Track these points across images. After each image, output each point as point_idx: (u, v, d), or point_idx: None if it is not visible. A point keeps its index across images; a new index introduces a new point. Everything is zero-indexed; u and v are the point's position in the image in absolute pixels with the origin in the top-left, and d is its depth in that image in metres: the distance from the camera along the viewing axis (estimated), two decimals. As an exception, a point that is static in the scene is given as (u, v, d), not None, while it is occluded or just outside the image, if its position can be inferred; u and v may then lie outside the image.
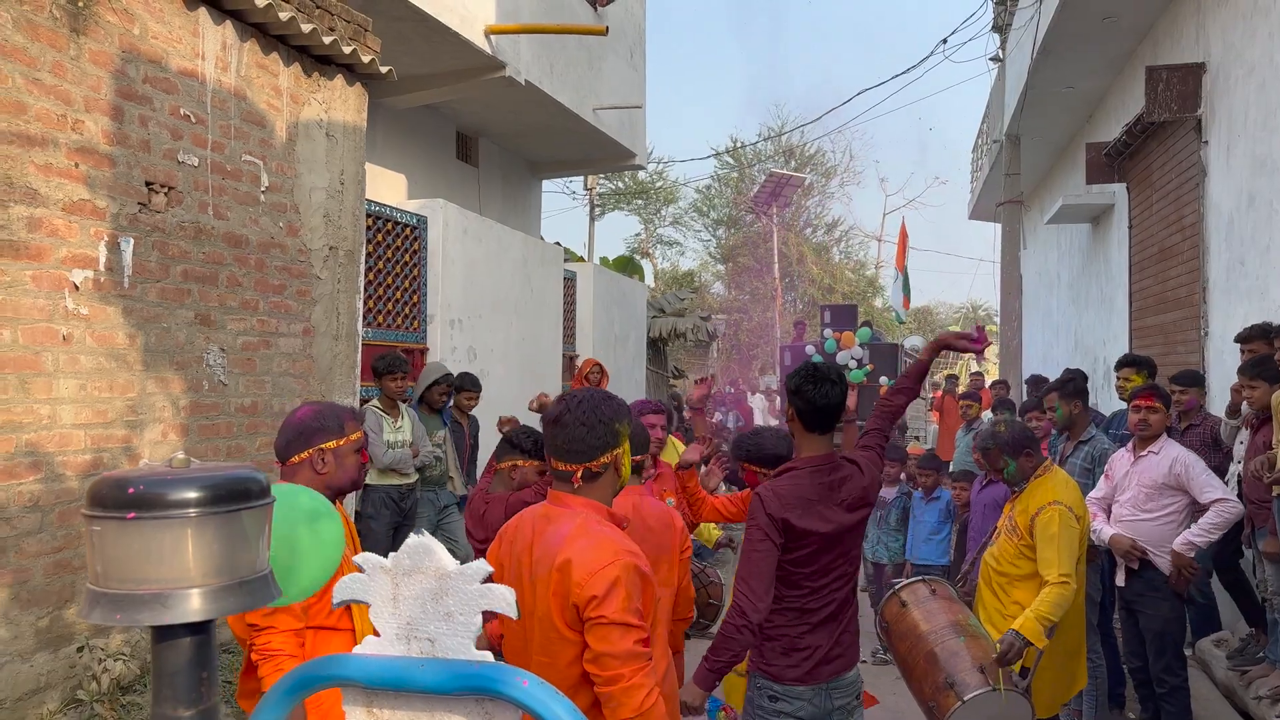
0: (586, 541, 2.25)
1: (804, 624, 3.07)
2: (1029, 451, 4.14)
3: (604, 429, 2.36)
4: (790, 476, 3.13)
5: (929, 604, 4.23)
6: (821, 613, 3.08)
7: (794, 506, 3.01)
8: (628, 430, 2.44)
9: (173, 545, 1.39)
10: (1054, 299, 15.89)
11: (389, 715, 1.94)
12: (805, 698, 3.05)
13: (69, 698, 4.19)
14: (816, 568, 3.06)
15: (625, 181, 34.26)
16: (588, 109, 10.72)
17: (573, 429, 2.35)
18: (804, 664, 3.05)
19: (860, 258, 39.69)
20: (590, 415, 2.36)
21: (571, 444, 2.35)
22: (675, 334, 19.07)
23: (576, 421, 2.35)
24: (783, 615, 3.08)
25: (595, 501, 2.39)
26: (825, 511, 3.03)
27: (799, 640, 3.06)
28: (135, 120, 4.61)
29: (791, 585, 3.07)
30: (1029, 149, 13.82)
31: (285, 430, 2.75)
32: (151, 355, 4.69)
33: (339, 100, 6.03)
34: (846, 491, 3.10)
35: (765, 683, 3.10)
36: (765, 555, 2.97)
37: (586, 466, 2.36)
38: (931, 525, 6.82)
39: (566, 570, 2.16)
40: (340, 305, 6.02)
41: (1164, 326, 9.48)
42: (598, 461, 2.36)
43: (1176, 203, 8.98)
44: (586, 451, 2.36)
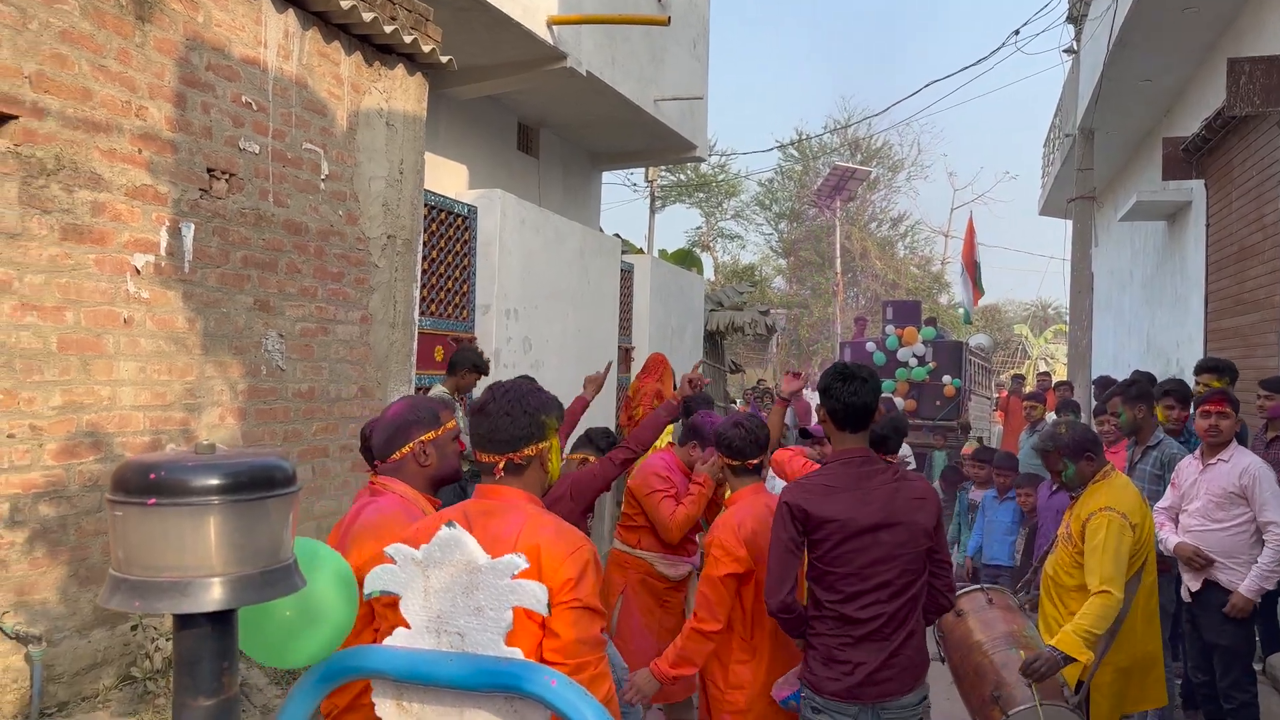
0: (551, 530, 2.17)
1: (845, 635, 2.97)
2: (1090, 455, 3.98)
3: (528, 420, 2.30)
4: (819, 470, 3.17)
5: (985, 613, 4.12)
6: (865, 626, 2.95)
7: (812, 493, 2.99)
8: (556, 425, 2.36)
9: (194, 533, 1.37)
10: (1126, 298, 15.44)
11: (418, 709, 1.92)
12: (849, 713, 2.95)
13: (124, 674, 4.28)
14: (850, 570, 2.95)
15: (687, 174, 34.13)
16: (649, 100, 10.66)
17: (496, 418, 2.29)
18: (844, 679, 2.95)
19: (926, 253, 39.06)
20: (514, 405, 2.30)
21: (494, 433, 2.29)
22: (733, 328, 18.93)
23: (500, 411, 2.30)
24: (824, 623, 3.01)
25: (530, 494, 2.31)
26: (848, 500, 2.96)
27: (838, 653, 2.97)
28: (198, 107, 4.68)
29: (826, 587, 2.99)
30: (1103, 144, 13.42)
31: (382, 429, 2.76)
32: (210, 340, 4.76)
33: (399, 90, 6.06)
34: (883, 491, 2.99)
35: (808, 692, 3.04)
36: (783, 545, 2.99)
37: (509, 458, 2.29)
38: (1005, 525, 6.65)
39: (535, 555, 2.07)
40: (397, 294, 6.06)
41: (1241, 329, 9.14)
42: (520, 453, 2.29)
43: (1258, 200, 8.63)
44: (509, 442, 2.29)
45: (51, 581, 4.04)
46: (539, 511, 2.26)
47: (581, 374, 9.34)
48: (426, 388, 6.88)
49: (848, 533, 2.94)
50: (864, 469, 3.04)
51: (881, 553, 2.96)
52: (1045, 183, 19.42)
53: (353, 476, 5.71)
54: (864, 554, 2.95)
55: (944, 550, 3.11)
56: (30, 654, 3.88)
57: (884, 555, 2.97)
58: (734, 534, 3.30)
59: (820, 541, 2.97)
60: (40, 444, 3.98)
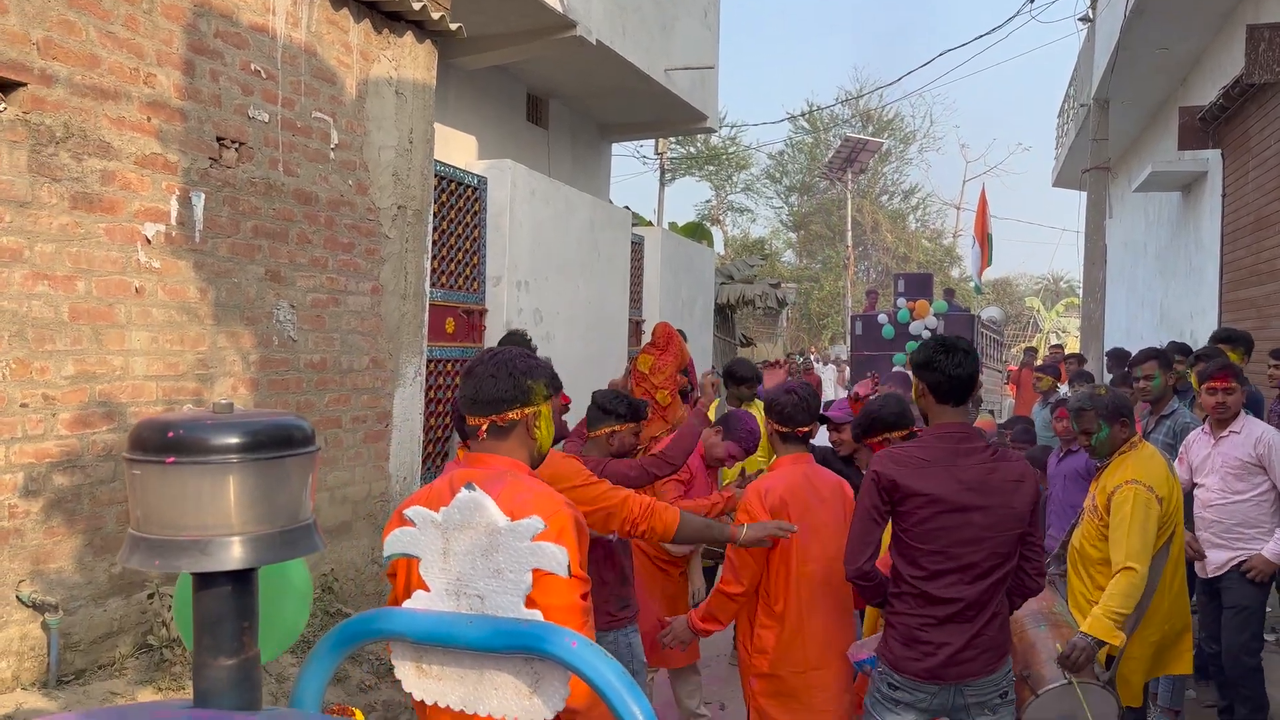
0: (527, 495, 2.16)
1: (927, 616, 2.88)
2: (1124, 421, 3.92)
3: (511, 382, 2.28)
4: (912, 441, 3.11)
5: None
6: (947, 606, 2.87)
7: (904, 465, 2.91)
8: (545, 393, 2.34)
9: (213, 491, 1.35)
10: (1140, 270, 15.34)
11: (438, 671, 1.91)
12: (928, 692, 2.89)
13: (140, 642, 4.30)
14: (935, 547, 2.86)
15: (697, 146, 33.95)
16: (659, 70, 10.57)
17: (481, 380, 2.29)
18: (926, 659, 2.88)
19: (938, 226, 38.89)
20: (499, 368, 2.30)
21: (478, 394, 2.29)
22: (743, 301, 18.90)
23: (486, 373, 2.30)
24: (904, 600, 2.93)
25: (517, 460, 2.30)
26: (939, 476, 2.87)
27: (920, 633, 2.89)
28: (206, 75, 4.64)
29: (909, 561, 2.91)
30: (1118, 114, 13.29)
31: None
32: (222, 310, 4.75)
33: (408, 58, 6.01)
34: (977, 470, 2.90)
35: (886, 671, 2.97)
36: (866, 512, 2.95)
37: (492, 420, 2.28)
38: None
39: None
40: (408, 264, 6.03)
41: (1256, 300, 9.07)
42: (503, 416, 2.28)
43: (1275, 170, 8.54)
44: (491, 403, 2.28)
45: (67, 551, 4.05)
46: (519, 478, 2.24)
47: (593, 346, 9.34)
48: (437, 359, 6.88)
49: (937, 509, 2.85)
50: (961, 445, 2.94)
51: (970, 534, 2.87)
52: (1059, 154, 19.26)
53: (365, 448, 5.72)
54: (952, 533, 2.86)
55: (1038, 533, 3.04)
56: (47, 622, 3.90)
57: (973, 537, 2.88)
58: (760, 500, 3.30)
59: (907, 514, 2.89)
60: (54, 413, 3.98)
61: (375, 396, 5.79)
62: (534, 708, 1.82)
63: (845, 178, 29.80)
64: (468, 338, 7.23)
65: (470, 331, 7.26)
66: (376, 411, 5.80)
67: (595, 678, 1.69)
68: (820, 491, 3.43)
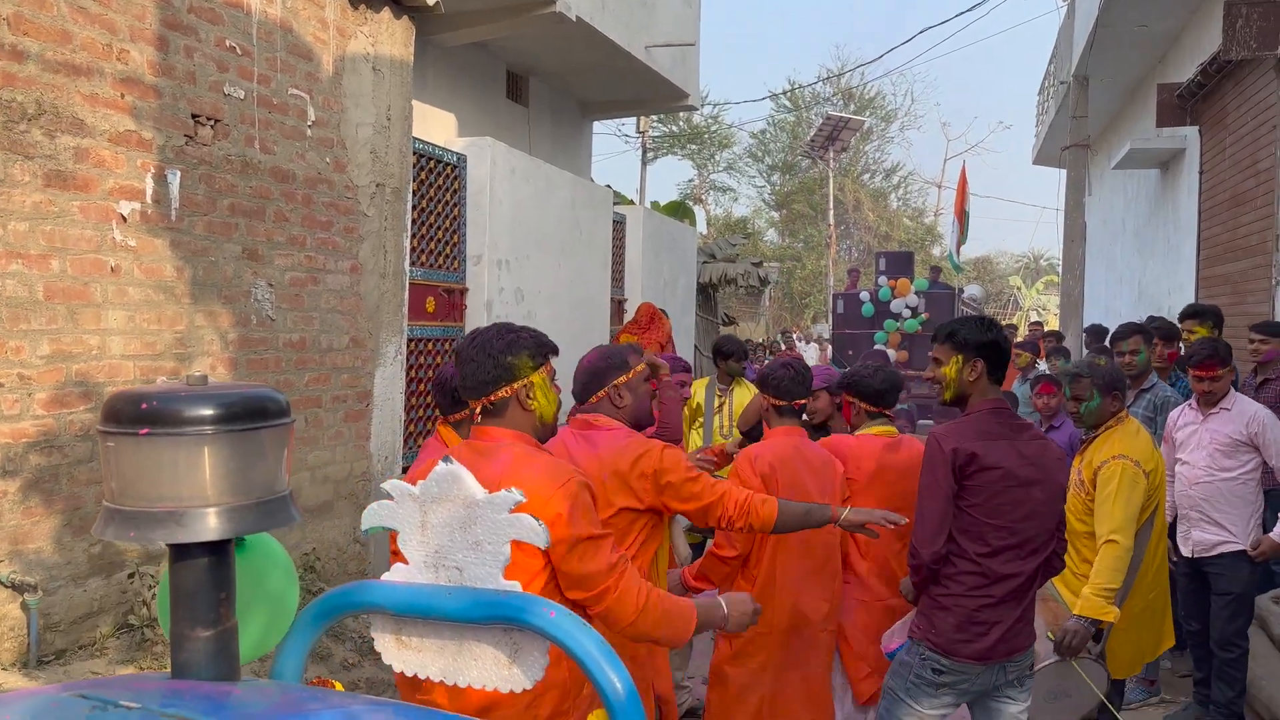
0: (533, 469, 2.21)
1: (986, 595, 2.85)
2: (1117, 394, 3.96)
3: (492, 363, 2.34)
4: (967, 418, 2.98)
5: None
6: (1007, 583, 2.86)
7: (976, 439, 2.86)
8: (531, 364, 2.38)
9: (188, 463, 1.35)
10: (1118, 247, 15.43)
11: (418, 643, 1.92)
12: (975, 673, 2.88)
13: (121, 622, 4.29)
14: (1003, 523, 2.83)
15: (679, 125, 33.83)
16: (640, 47, 10.50)
17: (465, 365, 2.37)
18: (978, 640, 2.85)
19: (919, 205, 38.96)
20: (479, 351, 2.36)
21: (465, 379, 2.38)
22: (726, 280, 18.89)
23: (468, 358, 2.37)
24: (959, 582, 2.87)
25: (522, 433, 2.36)
26: (1006, 448, 2.85)
27: (978, 614, 2.85)
28: (180, 51, 4.59)
29: (975, 538, 2.85)
30: (1097, 91, 13.31)
31: (579, 376, 3.09)
32: (199, 288, 4.72)
33: (386, 34, 5.95)
34: (1034, 446, 2.90)
35: (932, 655, 2.90)
36: (938, 492, 2.86)
37: (483, 401, 2.36)
38: None
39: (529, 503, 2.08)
40: (387, 243, 6.00)
41: (1232, 276, 9.15)
42: (491, 396, 2.35)
43: (1252, 146, 8.59)
44: (478, 386, 2.35)
45: (46, 531, 4.03)
46: (527, 450, 2.30)
47: (575, 325, 9.32)
48: (419, 338, 6.86)
49: (1007, 483, 2.83)
50: (1013, 421, 2.95)
51: (1031, 508, 2.87)
52: (1039, 131, 19.30)
53: (346, 427, 5.71)
54: (1018, 508, 2.85)
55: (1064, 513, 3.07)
56: (26, 603, 3.89)
57: (1033, 511, 2.87)
58: (750, 465, 3.37)
59: (978, 489, 2.84)
60: (29, 393, 3.95)
61: (355, 376, 5.77)
62: (513, 677, 1.83)
63: (827, 156, 29.76)
64: (448, 317, 7.21)
65: (451, 310, 7.24)
66: (357, 391, 5.79)
67: (574, 647, 1.70)
68: (811, 462, 3.47)
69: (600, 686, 1.66)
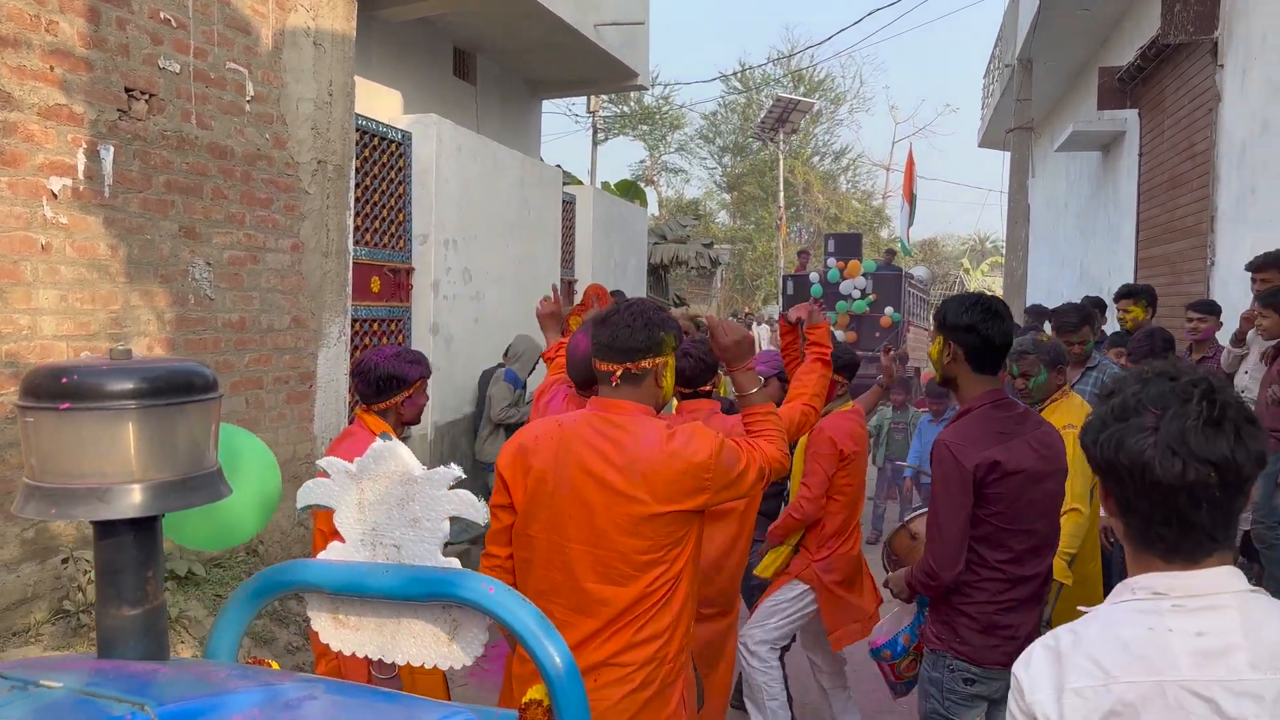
0: (686, 435, 2.34)
1: (1008, 600, 2.71)
2: (1061, 369, 4.05)
3: (647, 333, 2.38)
4: (970, 417, 2.77)
5: None
6: (1028, 585, 2.73)
7: (992, 443, 2.65)
8: (674, 344, 2.44)
9: (111, 438, 1.32)
10: (1061, 229, 15.70)
11: (355, 621, 1.90)
12: (1003, 678, 2.76)
13: (56, 608, 4.20)
14: (1024, 526, 2.69)
15: (630, 105, 33.70)
16: (589, 25, 10.43)
17: (617, 328, 2.39)
18: (1007, 644, 2.71)
19: (868, 187, 39.27)
20: (636, 317, 2.39)
21: (615, 341, 2.39)
22: (677, 261, 18.94)
23: (622, 322, 2.39)
24: (982, 589, 2.72)
25: (646, 406, 2.42)
26: (1021, 446, 2.67)
27: (1000, 618, 2.71)
28: (112, 23, 4.45)
29: (997, 545, 2.70)
30: (1041, 74, 13.51)
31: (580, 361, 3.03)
32: (135, 267, 4.60)
33: (327, 7, 5.84)
34: (1038, 434, 2.74)
35: (961, 665, 2.75)
36: (958, 512, 2.67)
37: (626, 367, 2.38)
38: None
39: (689, 466, 2.29)
40: (330, 221, 5.91)
41: (1169, 256, 9.36)
42: (638, 364, 2.38)
43: (1188, 129, 8.78)
44: (627, 351, 2.38)
45: (-24, 516, 3.93)
46: (666, 421, 2.40)
47: (523, 306, 9.26)
48: (363, 318, 6.78)
49: (1028, 484, 2.67)
50: (1015, 412, 2.76)
51: (1047, 504, 2.74)
52: (985, 114, 19.54)
53: (288, 409, 5.62)
54: (1034, 507, 2.70)
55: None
56: (-44, 589, 3.79)
57: (1048, 507, 2.74)
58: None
59: (999, 496, 2.66)
60: (-43, 375, 3.84)
61: (298, 356, 5.68)
62: (453, 654, 1.82)
63: (777, 138, 29.84)
64: (394, 297, 7.13)
65: (397, 290, 7.15)
66: (299, 372, 5.70)
67: (513, 622, 1.70)
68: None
69: (539, 660, 1.66)
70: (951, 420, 2.88)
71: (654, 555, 2.31)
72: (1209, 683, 1.27)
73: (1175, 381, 1.36)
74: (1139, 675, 1.30)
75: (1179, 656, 1.29)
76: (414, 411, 3.32)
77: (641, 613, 2.32)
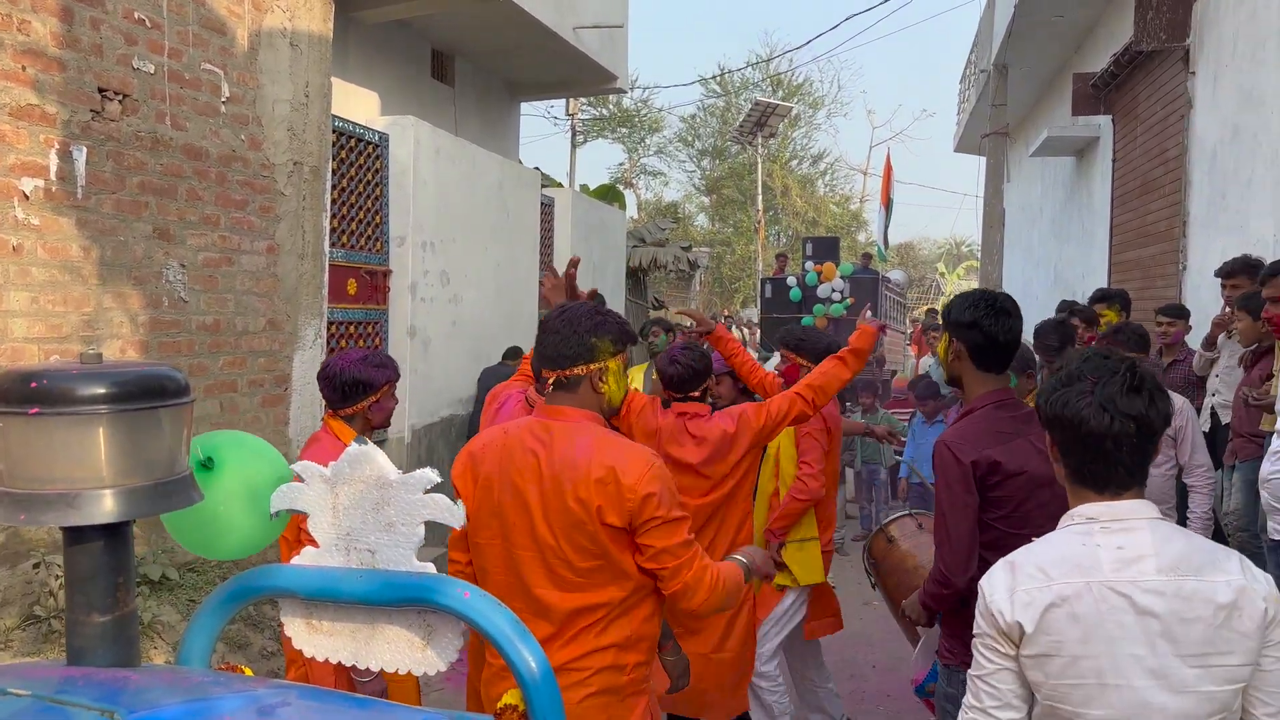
0: (618, 448, 2.31)
1: None
2: (1030, 373, 4.08)
3: (577, 341, 2.38)
4: (972, 417, 2.71)
5: (917, 538, 4.19)
6: None
7: (992, 443, 2.59)
8: (612, 349, 2.42)
9: (81, 443, 1.31)
10: (1035, 233, 15.83)
11: (329, 627, 1.89)
12: None
13: (27, 614, 4.15)
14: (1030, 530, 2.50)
15: (609, 108, 33.72)
16: (568, 28, 10.44)
17: (549, 335, 2.42)
18: None
19: (845, 191, 39.46)
20: (566, 325, 2.40)
21: (545, 349, 2.42)
22: (655, 264, 18.93)
23: (552, 329, 2.42)
24: None
25: (592, 412, 2.41)
26: (1024, 446, 2.59)
27: None
28: (86, 23, 4.41)
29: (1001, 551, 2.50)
30: (1016, 80, 13.62)
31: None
32: (108, 269, 4.56)
33: (304, 8, 5.81)
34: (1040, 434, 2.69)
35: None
36: (964, 511, 2.59)
37: (558, 374, 2.40)
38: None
39: (613, 478, 2.24)
40: (306, 223, 5.88)
41: (1142, 261, 9.45)
42: (569, 371, 2.39)
43: (1161, 135, 8.87)
44: (557, 359, 2.39)
45: (-56, 520, 3.87)
46: (606, 431, 2.39)
47: (502, 309, 9.25)
48: (340, 321, 6.74)
49: (1032, 486, 2.58)
50: (1020, 412, 2.69)
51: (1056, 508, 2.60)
52: (961, 119, 19.69)
53: (263, 412, 5.58)
54: (1042, 510, 2.56)
55: None
56: (-76, 595, 3.74)
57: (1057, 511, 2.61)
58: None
59: (1003, 500, 2.59)
60: (-75, 377, 3.78)
61: (273, 359, 5.65)
62: (427, 659, 1.81)
63: (756, 142, 29.93)
64: (371, 299, 7.10)
65: (374, 293, 7.12)
66: (274, 375, 5.67)
67: (488, 627, 1.69)
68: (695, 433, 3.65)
69: (514, 665, 1.65)
70: (955, 420, 2.84)
71: (595, 562, 2.31)
72: (1125, 582, 1.72)
73: (1107, 360, 1.83)
74: (1073, 577, 1.75)
75: (1104, 563, 1.75)
76: (382, 416, 3.31)
77: (598, 619, 2.32)
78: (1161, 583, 1.70)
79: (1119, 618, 1.70)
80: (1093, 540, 1.78)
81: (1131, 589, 1.70)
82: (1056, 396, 1.83)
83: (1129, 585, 1.71)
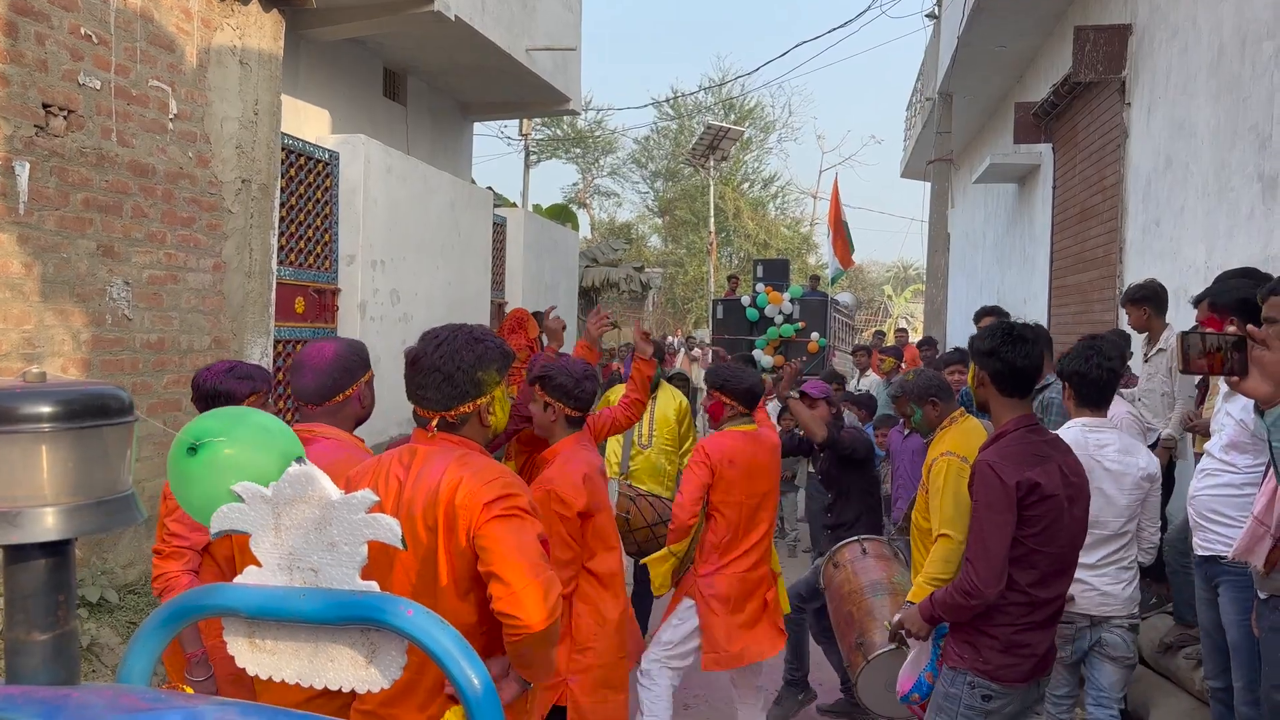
0: (475, 466, 2.18)
1: (1028, 621, 2.78)
2: (934, 400, 4.14)
3: (463, 378, 2.22)
4: (1009, 439, 2.82)
5: (859, 563, 4.24)
6: (1048, 607, 2.80)
7: (1032, 464, 2.71)
8: (496, 378, 2.29)
9: (23, 461, 1.31)
10: (979, 257, 16.15)
11: (272, 645, 1.89)
12: (1020, 694, 2.85)
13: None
14: (1054, 549, 2.74)
15: (564, 129, 33.83)
16: (521, 49, 10.50)
17: (426, 375, 2.22)
18: (1025, 662, 2.79)
19: (796, 214, 39.92)
20: (448, 362, 2.22)
21: (425, 389, 2.23)
22: (608, 284, 19.02)
23: (431, 366, 2.22)
24: (1004, 611, 2.77)
25: (468, 439, 2.28)
26: (1055, 470, 2.74)
27: (1018, 637, 2.78)
28: (31, 38, 4.37)
29: (1027, 567, 2.75)
30: (961, 108, 13.94)
31: (320, 371, 2.66)
32: (50, 286, 4.50)
33: (254, 26, 5.80)
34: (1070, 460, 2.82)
35: (981, 683, 2.81)
36: (1003, 530, 2.69)
37: (443, 415, 2.24)
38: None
39: (453, 489, 2.11)
40: (253, 241, 5.84)
41: (1081, 286, 9.70)
42: (454, 411, 2.23)
43: (1099, 164, 9.13)
44: (441, 400, 2.23)
45: (-126, 542, 3.78)
46: (468, 453, 2.23)
47: (452, 328, 9.22)
48: (288, 340, 6.69)
49: (1061, 508, 2.73)
50: (1048, 438, 2.84)
51: (1076, 529, 2.80)
52: (907, 145, 20.05)
53: (210, 430, 5.51)
54: (1065, 531, 2.76)
55: None
56: None
57: (1076, 531, 2.81)
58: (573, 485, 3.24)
59: (1036, 519, 2.71)
60: None
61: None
62: (371, 677, 1.82)
63: (708, 164, 30.21)
64: (319, 318, 7.06)
65: (322, 311, 7.08)
66: (222, 393, 5.60)
67: (432, 645, 1.71)
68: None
69: (458, 683, 1.67)
70: (988, 443, 2.96)
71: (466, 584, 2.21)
72: (1102, 459, 3.47)
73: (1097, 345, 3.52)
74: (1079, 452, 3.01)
75: (1089, 445, 3.42)
76: None
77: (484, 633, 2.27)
78: (1117, 457, 3.47)
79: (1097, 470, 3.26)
80: (1084, 435, 3.45)
81: (1102, 457, 3.44)
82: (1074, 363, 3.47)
83: (1100, 454, 3.43)
